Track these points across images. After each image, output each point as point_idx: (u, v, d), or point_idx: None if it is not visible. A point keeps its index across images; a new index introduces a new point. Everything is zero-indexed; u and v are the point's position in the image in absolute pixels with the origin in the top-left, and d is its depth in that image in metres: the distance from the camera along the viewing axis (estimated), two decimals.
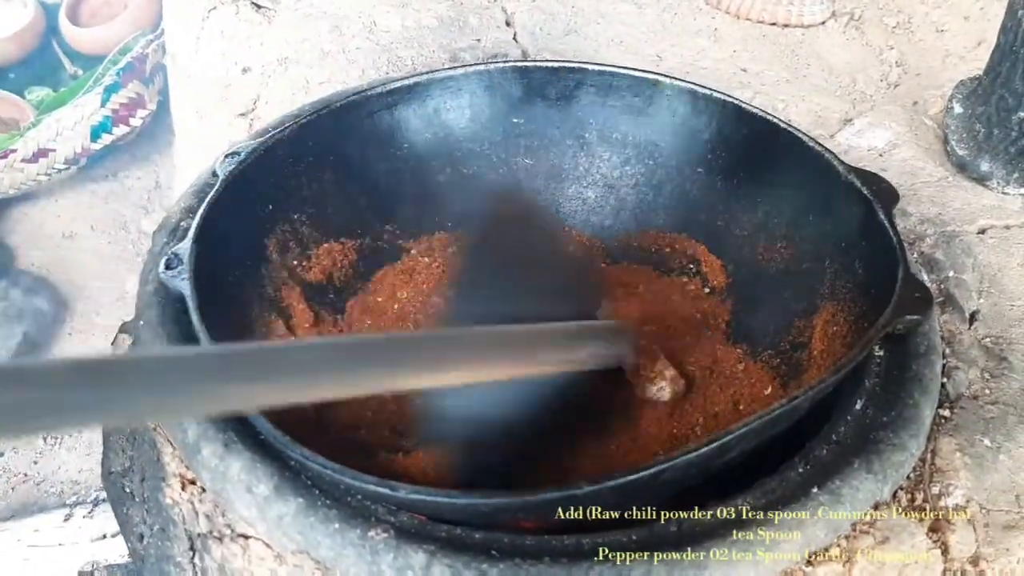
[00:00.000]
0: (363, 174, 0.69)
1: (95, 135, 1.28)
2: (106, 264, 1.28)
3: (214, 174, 0.60)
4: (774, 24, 0.90)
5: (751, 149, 0.66)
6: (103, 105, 1.28)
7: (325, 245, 0.66)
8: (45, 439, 1.03)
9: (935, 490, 0.50)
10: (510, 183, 0.74)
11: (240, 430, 0.48)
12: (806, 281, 0.61)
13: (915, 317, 0.50)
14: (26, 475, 0.98)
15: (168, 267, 0.53)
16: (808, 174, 0.62)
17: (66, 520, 0.84)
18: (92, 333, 1.18)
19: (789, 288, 0.63)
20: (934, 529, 0.48)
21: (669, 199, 0.72)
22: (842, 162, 0.60)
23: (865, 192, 0.58)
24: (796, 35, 0.89)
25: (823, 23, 0.91)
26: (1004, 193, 0.69)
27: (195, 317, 0.50)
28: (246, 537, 0.47)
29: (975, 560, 0.48)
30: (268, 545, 0.46)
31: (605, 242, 0.74)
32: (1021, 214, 0.68)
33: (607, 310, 0.60)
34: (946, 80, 0.85)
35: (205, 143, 0.94)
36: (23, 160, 1.24)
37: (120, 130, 1.30)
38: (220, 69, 0.89)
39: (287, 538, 0.45)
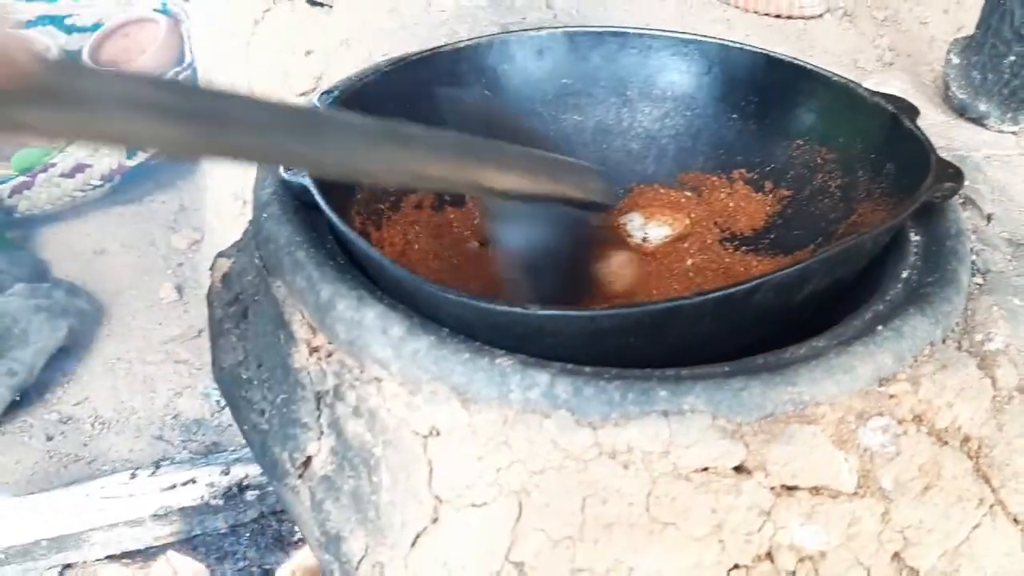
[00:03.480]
0: (430, 124, 0.76)
1: (131, 152, 1.34)
2: (138, 276, 1.33)
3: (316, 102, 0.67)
4: (779, 16, 1.00)
5: (781, 92, 0.75)
6: None
7: None
8: (92, 424, 1.06)
9: (978, 338, 0.57)
10: (559, 138, 0.81)
11: (370, 289, 0.54)
12: (842, 193, 0.69)
13: (952, 184, 0.58)
14: (77, 455, 1.01)
15: (287, 169, 0.60)
16: (835, 103, 0.71)
17: (132, 478, 0.87)
18: (129, 336, 1.22)
19: (825, 202, 0.70)
20: (981, 367, 0.55)
21: (707, 145, 0.80)
22: (866, 88, 0.69)
23: (890, 108, 0.66)
24: (799, 25, 1.00)
25: (821, 16, 1.02)
26: (1000, 131, 0.78)
27: (320, 199, 0.56)
28: (379, 380, 0.52)
29: (1020, 388, 0.54)
30: (402, 383, 0.51)
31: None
32: (1016, 147, 0.77)
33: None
34: (934, 59, 0.95)
35: None
36: (61, 175, 1.30)
37: None
38: (275, 62, 0.97)
39: (421, 370, 0.50)
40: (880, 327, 0.54)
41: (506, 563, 0.47)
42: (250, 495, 0.86)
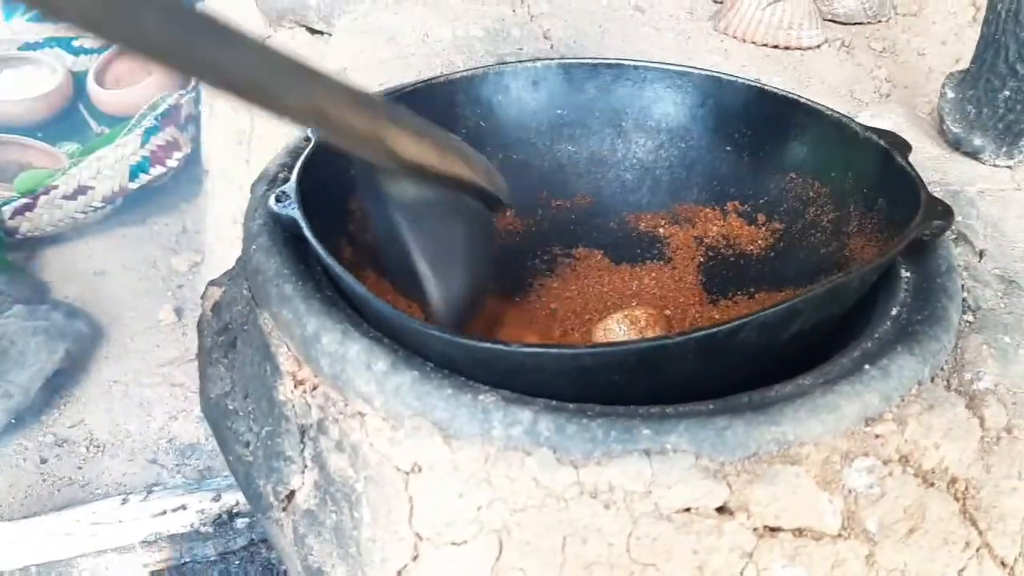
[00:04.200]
0: None
1: (133, 174, 1.35)
2: (137, 298, 1.33)
3: (307, 138, 0.68)
4: (776, 47, 1.00)
5: (774, 125, 0.75)
6: (142, 146, 1.35)
7: None
8: (87, 447, 1.06)
9: (967, 377, 0.56)
10: (553, 168, 0.82)
11: (356, 323, 0.54)
12: (833, 227, 0.69)
13: (941, 222, 0.58)
14: (71, 479, 1.01)
15: (278, 200, 0.60)
16: (828, 137, 0.71)
17: (123, 503, 0.87)
18: (128, 359, 1.22)
19: (817, 236, 0.70)
20: (970, 407, 0.55)
21: (701, 176, 0.80)
22: (859, 123, 0.69)
23: (883, 143, 0.66)
24: (796, 56, 1.00)
25: (818, 46, 1.02)
26: (995, 165, 0.78)
27: (308, 233, 0.56)
28: (362, 415, 0.52)
29: (1008, 429, 0.54)
30: (384, 418, 0.51)
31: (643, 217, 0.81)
32: (1011, 181, 0.77)
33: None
34: (931, 91, 0.95)
35: (256, 158, 1.02)
36: (63, 197, 1.31)
37: (156, 170, 1.37)
38: None
39: (404, 405, 0.50)
40: (867, 366, 0.53)
41: None
42: (240, 523, 0.85)
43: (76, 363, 1.17)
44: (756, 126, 0.76)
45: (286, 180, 0.64)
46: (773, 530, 0.47)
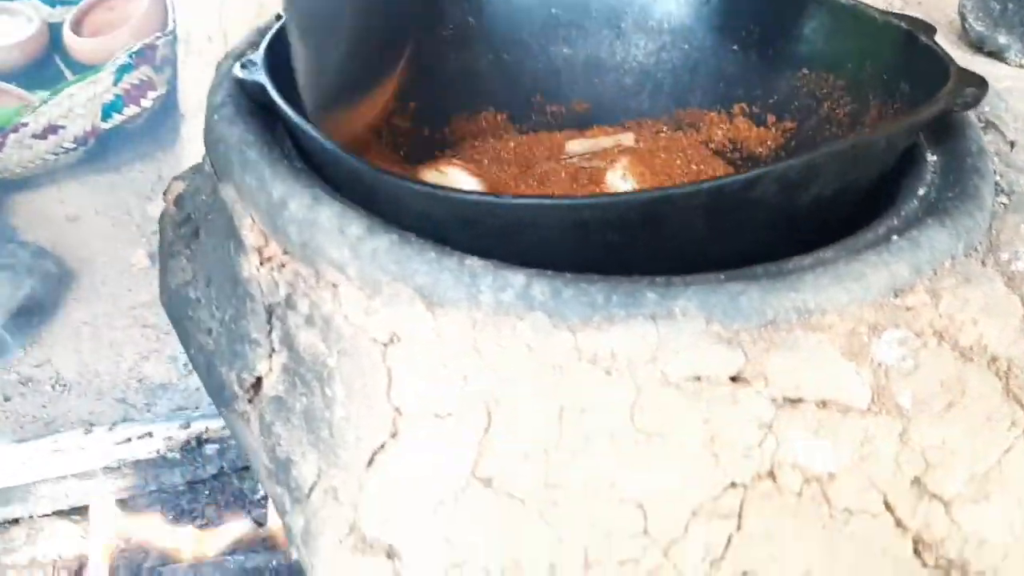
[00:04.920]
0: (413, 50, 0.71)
1: (106, 114, 1.29)
2: (110, 243, 1.27)
3: (278, 16, 0.62)
4: None
5: (784, 19, 0.69)
6: (115, 84, 1.29)
7: None
8: (53, 386, 1.00)
9: (1004, 256, 0.51)
10: (548, 72, 0.76)
11: (325, 190, 0.49)
12: (851, 120, 0.64)
13: (975, 90, 0.52)
14: (35, 416, 0.95)
15: (243, 67, 0.54)
16: (843, 27, 0.65)
17: (86, 433, 0.82)
18: (98, 301, 1.16)
19: (832, 131, 0.65)
20: (1009, 285, 0.50)
21: (706, 79, 0.74)
22: (877, 9, 0.64)
23: (904, 25, 0.61)
24: None
25: None
26: (1021, 65, 0.73)
27: (275, 95, 0.51)
28: (335, 285, 0.47)
29: None
30: (360, 288, 0.46)
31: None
32: None
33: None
34: (946, 4, 0.90)
35: None
36: (33, 136, 1.25)
37: (130, 110, 1.31)
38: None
39: (381, 271, 0.45)
40: (895, 237, 0.48)
41: (472, 479, 0.41)
42: (209, 449, 0.80)
43: (43, 304, 1.11)
44: (765, 22, 0.71)
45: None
46: (794, 401, 0.42)
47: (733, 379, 0.42)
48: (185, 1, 1.26)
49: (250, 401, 0.51)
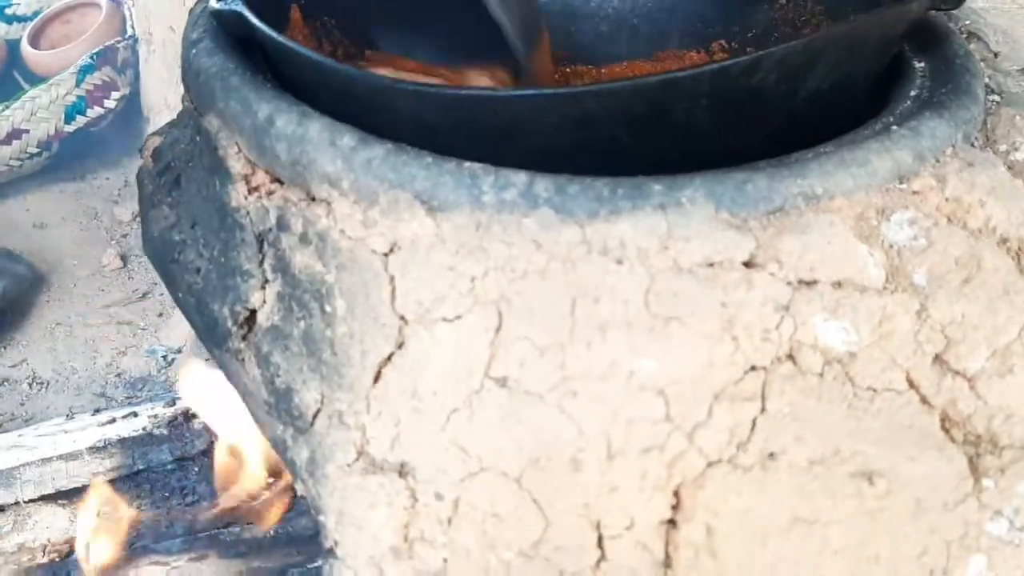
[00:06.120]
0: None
1: (69, 116, 1.27)
2: (80, 247, 1.24)
3: None
4: None
5: None
6: (78, 85, 1.27)
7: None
8: (30, 384, 0.97)
9: (1002, 147, 0.51)
10: None
11: (311, 110, 0.47)
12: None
13: None
14: (13, 414, 0.92)
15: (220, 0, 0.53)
16: None
17: (68, 419, 0.79)
18: (71, 302, 1.13)
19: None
20: (1011, 172, 0.49)
21: (682, 19, 0.74)
22: None
23: None
24: None
25: None
26: None
27: (253, 19, 0.50)
28: (328, 202, 0.45)
29: None
30: (355, 201, 0.44)
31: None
32: (1013, 2, 0.72)
33: None
34: None
35: None
36: None
37: (94, 112, 1.29)
38: None
39: (378, 180, 0.43)
40: (895, 127, 0.48)
41: (486, 379, 0.40)
42: (197, 423, 0.77)
43: (15, 306, 1.08)
44: None
45: None
46: (809, 283, 0.41)
47: (746, 264, 0.41)
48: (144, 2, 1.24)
49: (244, 338, 0.50)
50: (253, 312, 0.49)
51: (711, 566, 0.39)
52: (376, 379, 0.43)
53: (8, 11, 1.79)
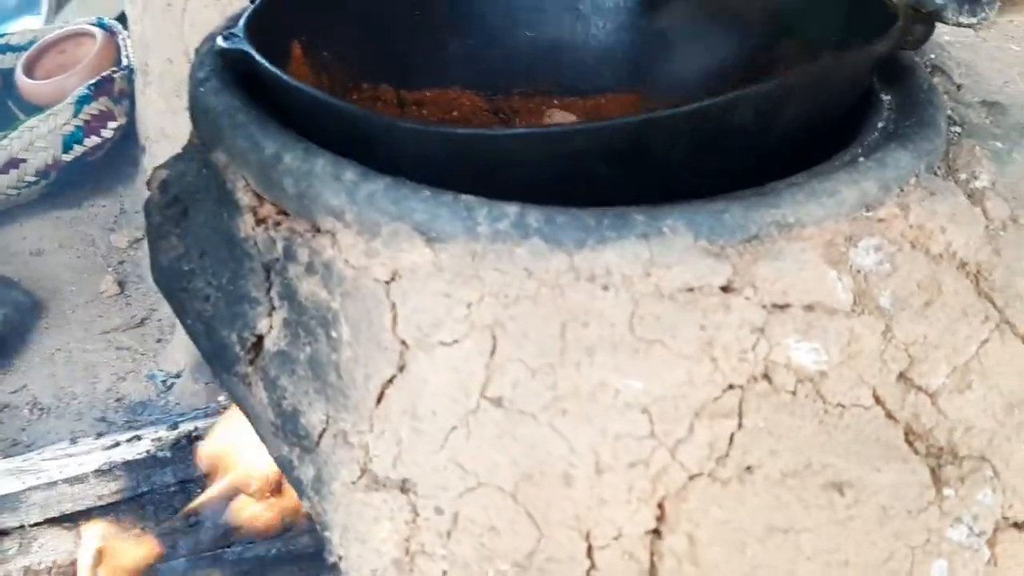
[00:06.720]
0: (380, 29, 0.73)
1: (67, 145, 1.29)
2: (77, 274, 1.26)
3: (252, 1, 0.64)
4: None
5: None
6: (75, 115, 1.30)
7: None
8: (31, 410, 0.99)
9: (963, 177, 0.54)
10: (513, 56, 0.79)
11: (315, 146, 0.50)
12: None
13: (924, 27, 0.56)
14: (15, 440, 0.94)
15: (226, 39, 0.56)
16: None
17: (72, 443, 0.81)
18: (69, 328, 1.15)
19: None
20: (971, 200, 0.52)
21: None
22: None
23: None
24: None
25: None
26: (958, 23, 0.77)
27: (258, 57, 0.53)
28: (333, 234, 0.48)
29: (1013, 219, 0.52)
30: (359, 232, 0.47)
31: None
32: (975, 38, 0.76)
33: None
34: None
35: None
36: None
37: (91, 141, 1.32)
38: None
39: (379, 212, 0.46)
40: (862, 159, 0.51)
41: (482, 400, 0.43)
42: (200, 446, 0.80)
43: (15, 332, 1.10)
44: None
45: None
46: (782, 307, 0.44)
47: (724, 289, 0.44)
48: (141, 29, 1.27)
49: (251, 363, 0.52)
50: (260, 338, 0.51)
51: (693, 573, 0.42)
52: (379, 400, 0.45)
53: (2, 40, 1.81)
